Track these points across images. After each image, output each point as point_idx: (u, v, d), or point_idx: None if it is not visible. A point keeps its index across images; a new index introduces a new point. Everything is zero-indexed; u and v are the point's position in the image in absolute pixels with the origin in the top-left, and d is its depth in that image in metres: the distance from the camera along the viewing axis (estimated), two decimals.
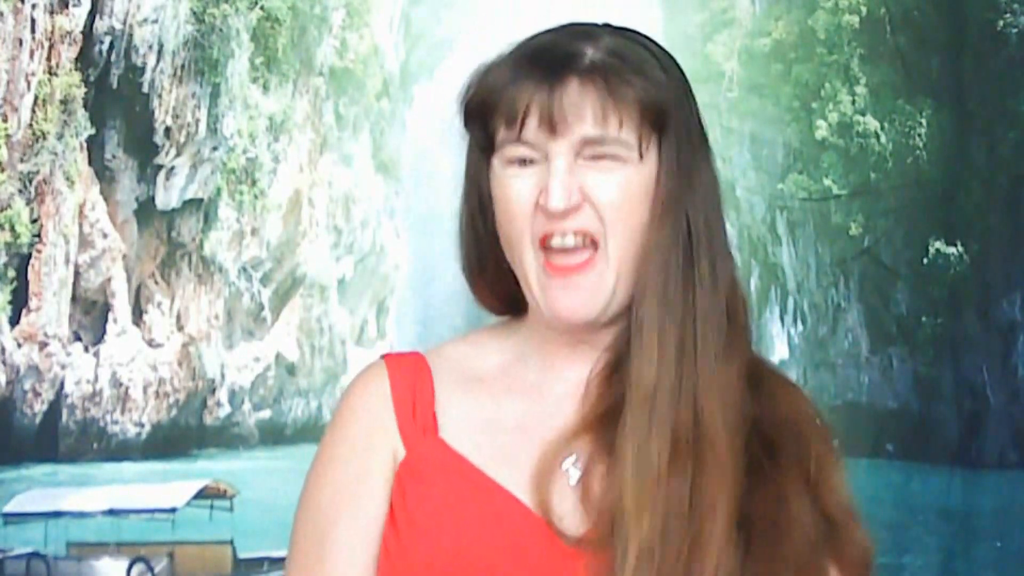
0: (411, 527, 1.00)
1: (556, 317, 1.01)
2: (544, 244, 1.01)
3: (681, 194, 1.03)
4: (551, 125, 1.00)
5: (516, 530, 0.99)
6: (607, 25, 1.06)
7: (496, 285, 1.09)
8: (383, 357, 1.09)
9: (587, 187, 1.00)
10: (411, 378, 1.06)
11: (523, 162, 1.02)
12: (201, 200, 33.21)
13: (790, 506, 0.99)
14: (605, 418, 1.01)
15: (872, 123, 30.33)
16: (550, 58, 1.02)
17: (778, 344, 38.30)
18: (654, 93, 1.02)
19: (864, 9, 31.05)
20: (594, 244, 1.01)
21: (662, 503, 0.96)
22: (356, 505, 1.02)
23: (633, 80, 1.01)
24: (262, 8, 33.82)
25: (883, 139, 30.11)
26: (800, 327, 33.96)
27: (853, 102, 30.84)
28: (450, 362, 1.08)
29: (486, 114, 1.03)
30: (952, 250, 28.26)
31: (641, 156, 1.01)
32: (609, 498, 0.98)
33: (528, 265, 1.02)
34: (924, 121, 29.57)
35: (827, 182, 31.22)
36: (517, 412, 1.05)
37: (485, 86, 1.03)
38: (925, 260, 28.65)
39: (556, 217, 1.00)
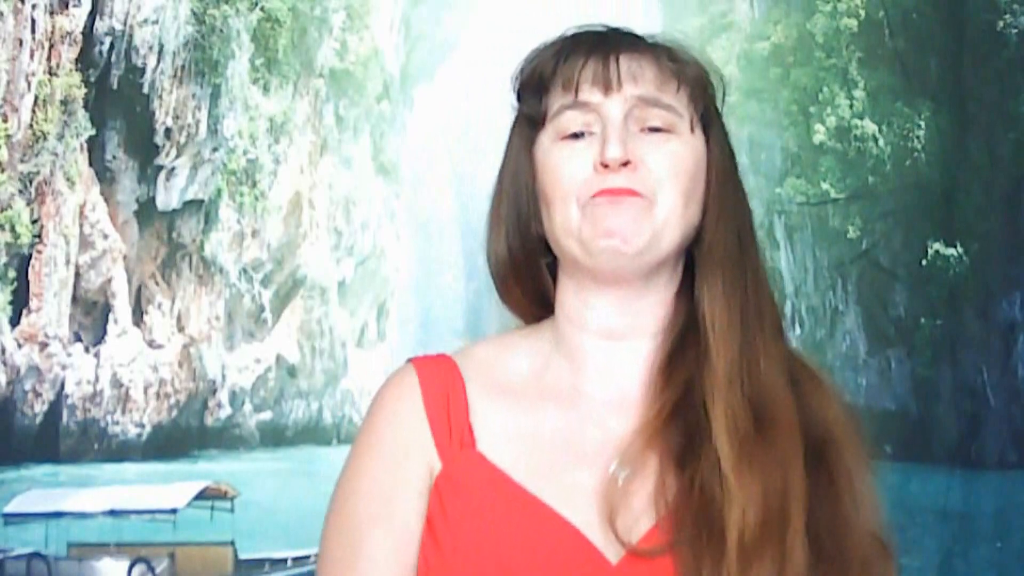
0: (454, 543, 0.99)
1: (606, 238, 1.00)
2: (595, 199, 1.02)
3: (736, 177, 1.07)
4: (607, 84, 1.02)
5: (560, 548, 0.98)
6: None
7: (526, 281, 1.09)
8: (411, 362, 1.07)
9: (641, 153, 1.02)
10: (443, 385, 1.05)
11: (575, 137, 1.03)
12: (201, 201, 33.22)
13: (846, 509, 1.00)
14: (671, 420, 1.00)
15: (870, 126, 30.35)
16: (603, 35, 1.06)
17: None
18: (707, 75, 1.07)
19: (863, 12, 31.07)
20: (643, 198, 1.02)
21: (763, 478, 0.96)
22: (390, 518, 1.01)
23: (689, 58, 1.06)
24: (262, 9, 33.84)
25: (881, 142, 30.13)
26: (798, 330, 33.97)
27: (851, 105, 30.86)
28: (480, 366, 1.07)
29: (542, 84, 1.05)
30: (951, 251, 28.28)
31: (692, 130, 1.04)
32: (695, 493, 0.97)
33: (572, 217, 1.02)
34: (923, 123, 29.59)
35: (825, 186, 31.24)
36: (554, 422, 1.04)
37: (542, 59, 1.06)
38: (924, 262, 28.67)
39: (612, 169, 1.01)
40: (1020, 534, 19.87)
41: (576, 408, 1.03)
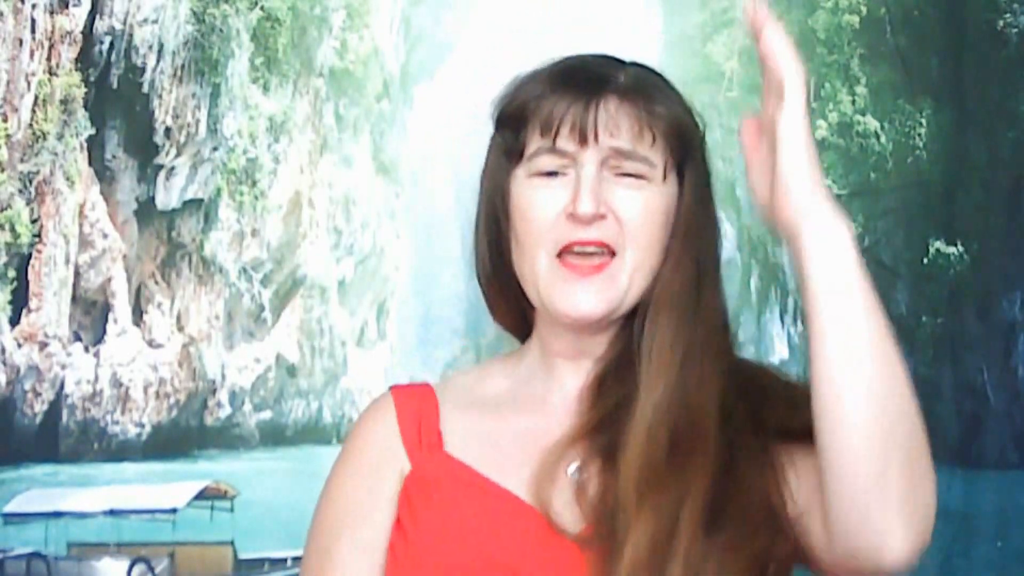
0: (418, 532, 1.02)
1: (566, 313, 1.03)
2: (563, 253, 1.04)
3: (703, 219, 1.08)
4: (583, 135, 1.03)
5: (520, 528, 1.01)
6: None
7: (509, 298, 1.11)
8: (391, 389, 1.12)
9: (612, 201, 1.03)
10: (417, 405, 1.09)
11: (550, 175, 1.05)
12: (201, 200, 33.22)
13: (752, 491, 1.01)
14: (601, 425, 1.04)
15: (872, 123, 30.35)
16: (586, 76, 1.06)
17: (778, 344, 38.28)
18: (684, 121, 1.08)
19: (864, 9, 31.06)
20: (612, 254, 1.04)
21: (661, 502, 0.99)
22: (359, 520, 1.05)
23: (666, 104, 1.06)
24: (262, 8, 33.83)
25: (883, 139, 30.12)
26: (800, 327, 33.96)
27: (853, 102, 30.86)
28: (457, 389, 1.11)
29: (521, 122, 1.06)
30: (952, 250, 28.27)
31: (664, 178, 1.05)
32: (607, 496, 1.00)
33: (540, 268, 1.04)
34: (924, 121, 29.58)
35: (827, 182, 31.15)
36: (521, 425, 1.07)
37: (523, 95, 1.06)
38: (925, 260, 28.66)
39: (582, 223, 1.02)
40: (1020, 534, 19.87)
41: (543, 413, 1.07)
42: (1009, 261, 27.64)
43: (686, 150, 1.07)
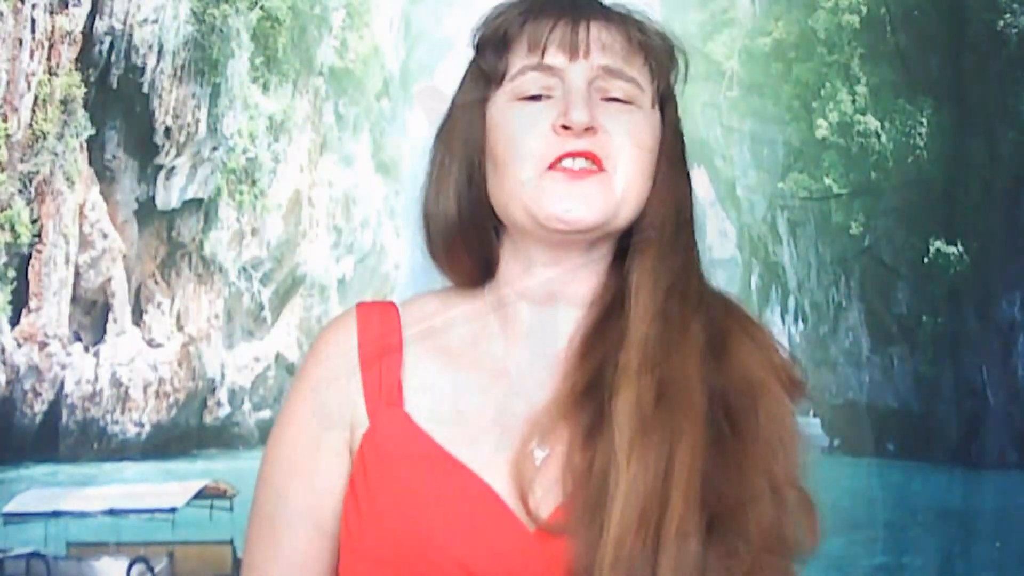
0: (373, 508, 0.99)
1: (558, 217, 0.99)
2: (552, 166, 1.00)
3: (682, 156, 1.06)
4: (574, 49, 1.00)
5: (480, 511, 0.97)
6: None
7: (475, 244, 1.07)
8: (357, 307, 1.08)
9: (602, 120, 1.00)
10: (381, 336, 1.04)
11: (534, 98, 1.01)
12: (201, 200, 33.22)
13: (751, 484, 0.98)
14: (584, 395, 1.00)
15: (872, 122, 30.33)
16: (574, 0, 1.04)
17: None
18: (669, 50, 1.06)
19: (864, 9, 31.05)
20: (602, 169, 1.00)
21: (646, 475, 0.95)
22: (311, 473, 1.02)
23: (653, 31, 1.06)
24: (262, 8, 33.82)
25: (883, 138, 30.11)
26: (801, 326, 33.96)
27: (853, 101, 30.84)
28: (422, 319, 1.07)
29: (503, 42, 1.03)
30: (952, 250, 28.25)
31: (652, 104, 1.03)
32: (597, 466, 0.96)
33: (528, 179, 1.00)
34: (924, 120, 29.57)
35: (827, 181, 31.21)
36: (483, 389, 1.03)
37: (507, 17, 1.04)
38: (925, 260, 28.65)
39: (574, 132, 0.99)
40: (1020, 534, 19.85)
41: (505, 378, 1.03)
42: (1009, 261, 27.63)
43: (669, 82, 1.06)
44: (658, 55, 1.04)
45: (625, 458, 0.94)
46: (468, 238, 1.06)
